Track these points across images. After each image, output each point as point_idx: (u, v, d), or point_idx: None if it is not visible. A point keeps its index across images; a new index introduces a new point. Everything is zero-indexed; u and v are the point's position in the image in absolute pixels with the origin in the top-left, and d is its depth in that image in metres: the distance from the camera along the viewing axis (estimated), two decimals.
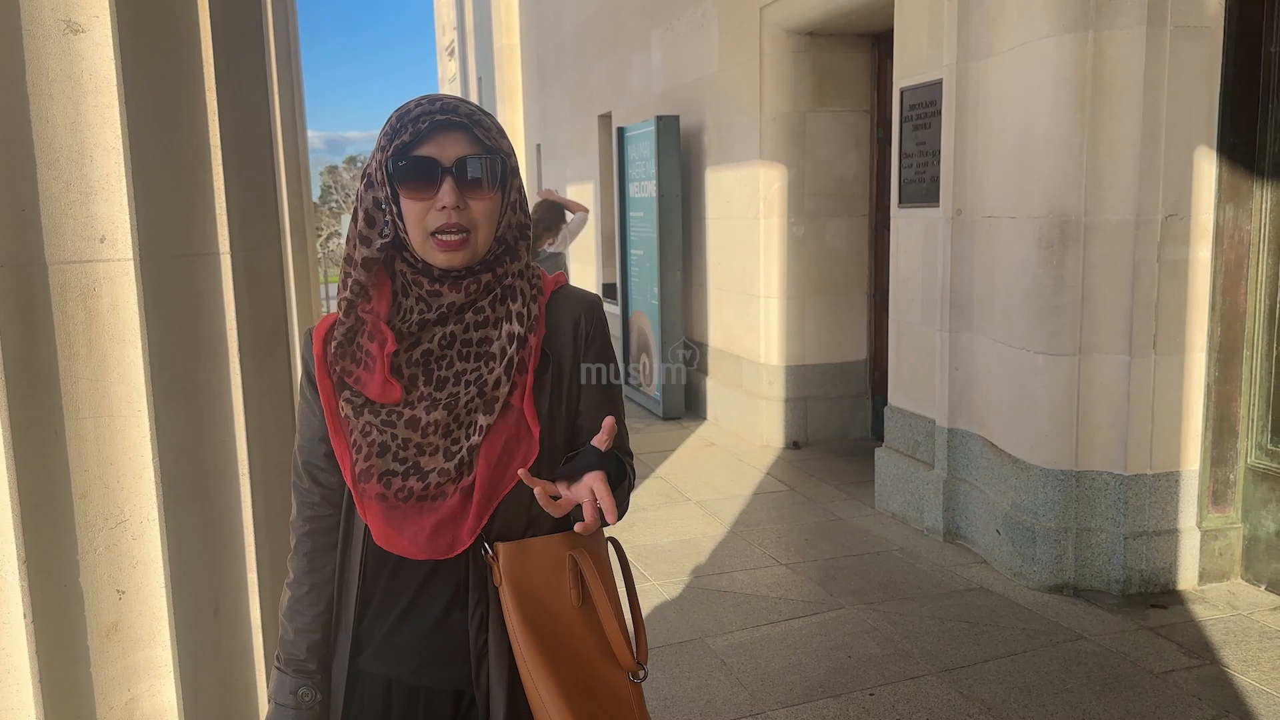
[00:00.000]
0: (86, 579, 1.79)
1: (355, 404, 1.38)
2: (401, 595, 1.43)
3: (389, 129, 1.34)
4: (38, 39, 1.66)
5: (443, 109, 1.32)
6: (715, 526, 5.02)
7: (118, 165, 1.73)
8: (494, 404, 1.37)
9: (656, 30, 8.55)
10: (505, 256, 1.41)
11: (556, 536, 1.42)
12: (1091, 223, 3.92)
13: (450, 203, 1.31)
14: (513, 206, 1.40)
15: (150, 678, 1.87)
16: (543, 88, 13.82)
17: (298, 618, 1.49)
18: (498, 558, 1.38)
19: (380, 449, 1.38)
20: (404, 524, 1.37)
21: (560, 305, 1.47)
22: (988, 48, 4.30)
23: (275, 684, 1.51)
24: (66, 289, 1.72)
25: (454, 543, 1.37)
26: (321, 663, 1.50)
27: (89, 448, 1.76)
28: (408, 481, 1.37)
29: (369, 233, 1.36)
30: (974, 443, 4.56)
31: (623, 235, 8.85)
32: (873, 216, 6.70)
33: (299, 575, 1.50)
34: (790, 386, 6.80)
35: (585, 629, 1.41)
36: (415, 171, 1.32)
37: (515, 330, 1.39)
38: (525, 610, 1.36)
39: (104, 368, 1.76)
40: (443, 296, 1.37)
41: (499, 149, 1.35)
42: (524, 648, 1.35)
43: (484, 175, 1.33)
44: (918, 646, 3.56)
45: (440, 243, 1.33)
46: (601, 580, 1.42)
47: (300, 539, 1.50)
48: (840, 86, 6.57)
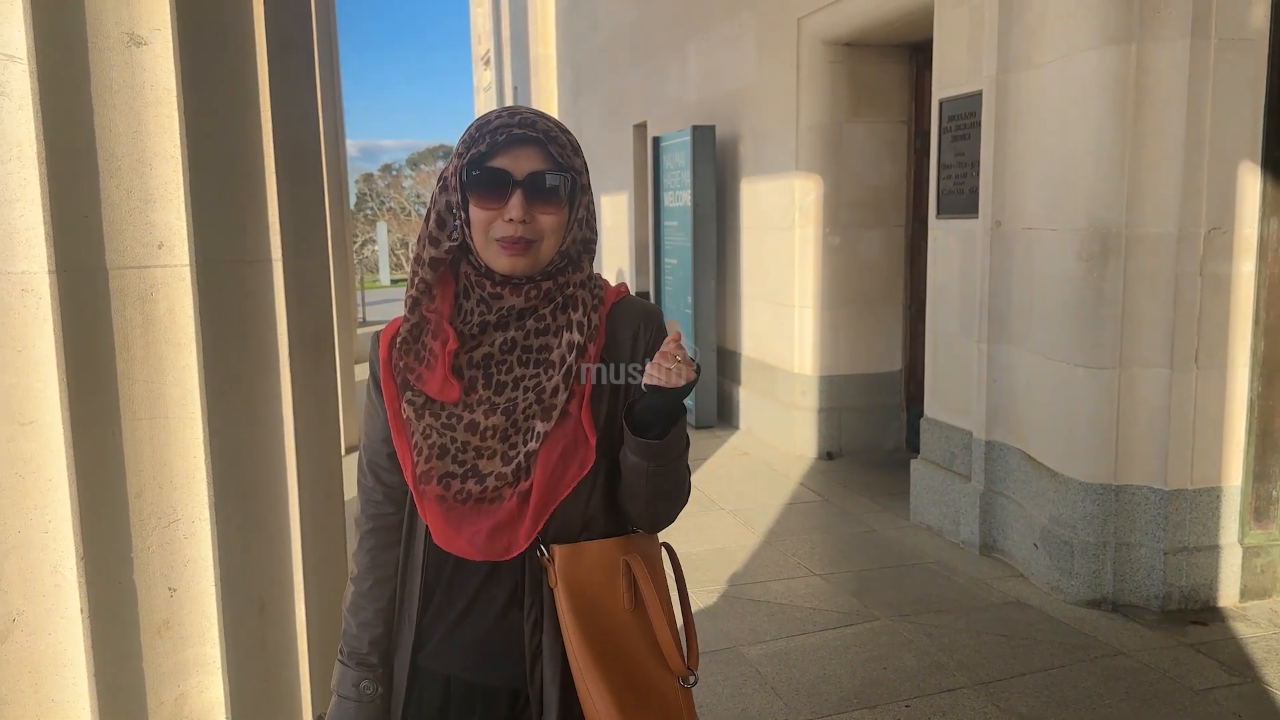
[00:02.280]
0: (140, 576, 1.83)
1: (416, 404, 1.41)
2: (461, 595, 1.46)
3: (468, 137, 1.37)
4: (102, 51, 1.70)
5: (521, 123, 1.35)
6: (749, 536, 5.02)
7: (176, 173, 1.77)
8: (552, 411, 1.39)
9: (693, 40, 8.58)
10: (568, 268, 1.43)
11: (611, 540, 1.44)
12: (1133, 236, 3.89)
13: (517, 215, 1.34)
14: (579, 223, 1.43)
15: (199, 674, 1.90)
16: (577, 97, 13.90)
17: (361, 612, 1.53)
18: (553, 560, 1.40)
19: (440, 451, 1.41)
20: (462, 525, 1.40)
21: (621, 315, 1.48)
22: (1029, 59, 4.28)
23: (338, 677, 1.55)
24: (125, 293, 1.76)
25: (510, 545, 1.40)
26: (383, 657, 1.53)
27: (144, 448, 1.80)
28: (466, 484, 1.40)
29: (439, 234, 1.40)
30: (1012, 455, 4.54)
31: (656, 244, 8.88)
32: (909, 227, 6.68)
33: (362, 571, 1.54)
34: (824, 397, 6.78)
35: (637, 632, 1.43)
36: (487, 182, 1.35)
37: (575, 339, 1.40)
38: (579, 612, 1.39)
39: (160, 370, 1.81)
40: (503, 300, 1.39)
41: (571, 166, 1.38)
42: (577, 649, 1.38)
43: (553, 191, 1.36)
44: (954, 659, 3.55)
45: (504, 246, 1.36)
46: (654, 584, 1.44)
47: (364, 535, 1.54)
48: (877, 97, 6.56)
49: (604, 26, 11.94)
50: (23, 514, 1.68)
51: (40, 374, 1.66)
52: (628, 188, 11.22)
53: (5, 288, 1.63)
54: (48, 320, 1.65)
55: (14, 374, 1.65)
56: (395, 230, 42.30)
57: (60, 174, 1.65)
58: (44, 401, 1.67)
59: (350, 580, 1.56)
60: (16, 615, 1.71)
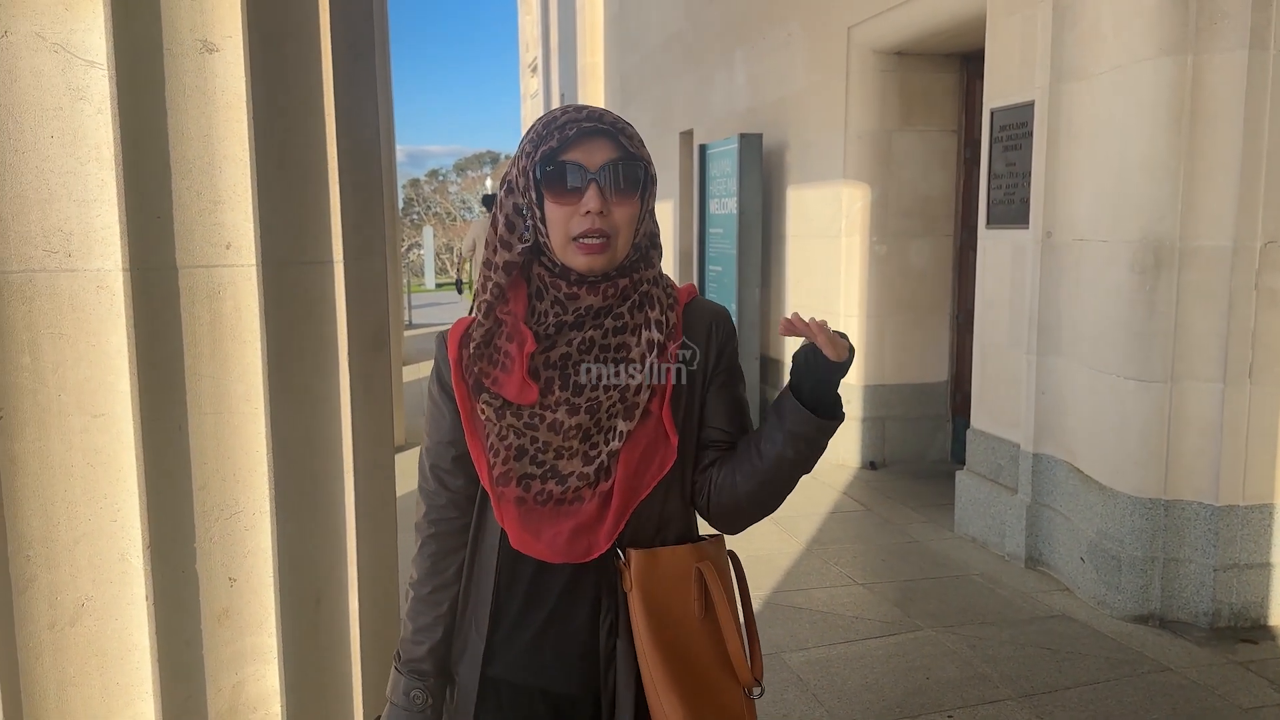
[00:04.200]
0: (202, 566, 1.88)
1: (495, 405, 1.40)
2: (543, 603, 1.44)
3: (534, 135, 1.36)
4: (176, 57, 1.76)
5: (589, 116, 1.34)
6: (791, 543, 5.02)
7: (244, 176, 1.82)
8: (634, 410, 1.38)
9: (741, 48, 8.59)
10: (640, 263, 1.42)
11: (684, 547, 1.43)
12: (1187, 249, 3.85)
13: (595, 207, 1.32)
14: (649, 215, 1.42)
15: (256, 663, 1.95)
16: (625, 105, 13.96)
17: (419, 618, 1.52)
18: (629, 564, 1.40)
19: (518, 452, 1.39)
20: (541, 528, 1.39)
21: (693, 315, 1.48)
22: (1082, 70, 4.26)
23: (391, 683, 1.55)
24: (194, 291, 1.82)
25: (591, 546, 1.38)
26: (438, 665, 1.52)
27: (209, 442, 1.85)
28: (546, 485, 1.39)
29: (509, 237, 1.39)
30: (1059, 468, 4.50)
31: (701, 252, 8.89)
32: (957, 237, 6.65)
33: (422, 576, 1.53)
34: (868, 406, 6.76)
35: (707, 640, 1.42)
36: (562, 176, 1.34)
37: (655, 337, 1.40)
38: (652, 617, 1.38)
39: (225, 367, 1.86)
40: (580, 299, 1.38)
41: (641, 157, 1.37)
42: (649, 655, 1.37)
43: (628, 181, 1.35)
44: (997, 671, 3.53)
45: (582, 246, 1.34)
46: (724, 594, 1.43)
47: (425, 541, 1.53)
48: (927, 106, 6.54)
49: (652, 35, 12.00)
50: (93, 503, 1.74)
51: (112, 368, 1.72)
52: (673, 195, 11.25)
53: (82, 284, 1.69)
54: (120, 316, 1.70)
55: (88, 367, 1.71)
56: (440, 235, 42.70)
57: (135, 175, 1.70)
58: (115, 395, 1.72)
59: (409, 585, 1.55)
60: (85, 600, 1.76)
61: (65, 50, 1.63)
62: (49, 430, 1.69)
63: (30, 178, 1.63)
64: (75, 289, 1.68)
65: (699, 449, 1.48)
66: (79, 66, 1.64)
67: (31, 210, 1.64)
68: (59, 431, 1.70)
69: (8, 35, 1.60)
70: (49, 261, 1.66)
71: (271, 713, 1.96)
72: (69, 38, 1.63)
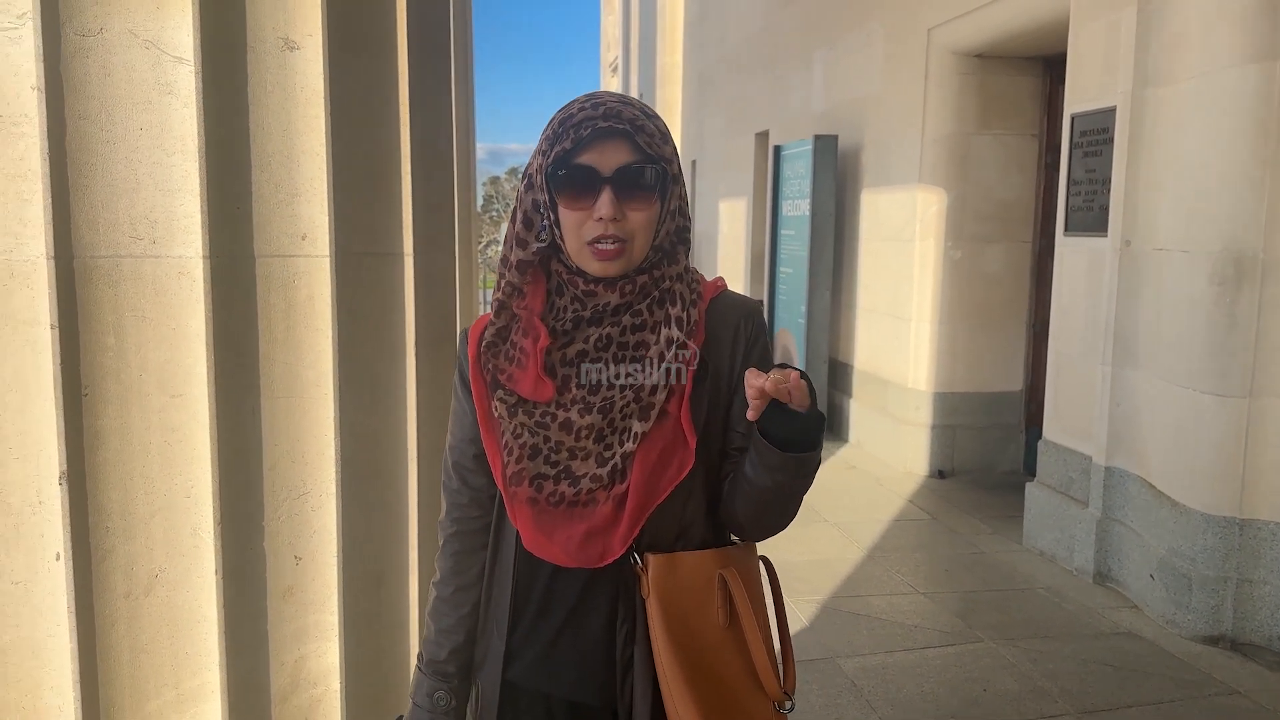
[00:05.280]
0: (269, 544, 1.94)
1: (509, 403, 1.36)
2: (559, 607, 1.40)
3: (550, 133, 1.31)
4: (260, 55, 1.83)
5: (606, 114, 1.28)
6: (852, 549, 4.99)
7: (320, 170, 1.89)
8: (650, 410, 1.32)
9: (819, 49, 8.54)
10: (663, 260, 1.37)
11: (708, 553, 1.37)
12: (1270, 261, 3.74)
13: (608, 214, 1.27)
14: (672, 214, 1.36)
15: (318, 639, 2.02)
16: (701, 105, 13.96)
17: (442, 619, 1.50)
18: (647, 569, 1.34)
19: (532, 451, 1.35)
20: (554, 530, 1.34)
21: (720, 311, 1.41)
22: (1166, 76, 4.15)
23: (414, 683, 1.54)
24: (270, 280, 1.88)
25: (605, 551, 1.33)
26: (461, 667, 1.50)
27: (280, 425, 1.92)
28: (559, 486, 1.34)
29: (526, 235, 1.35)
30: (1131, 482, 4.39)
31: (773, 254, 8.87)
32: (1036, 243, 6.52)
33: (445, 576, 1.50)
34: (938, 413, 6.67)
35: (731, 651, 1.35)
36: (574, 181, 1.29)
37: (674, 335, 1.33)
38: (671, 626, 1.32)
39: (298, 353, 1.92)
40: (598, 297, 1.34)
41: (660, 156, 1.31)
42: (666, 664, 1.31)
43: (643, 185, 1.29)
44: (1057, 686, 3.47)
45: (596, 251, 1.30)
46: (751, 602, 1.36)
47: (448, 539, 1.51)
48: (1007, 109, 6.43)
49: (731, 35, 11.98)
50: (169, 479, 1.82)
51: (190, 351, 1.79)
52: (746, 195, 11.23)
53: (164, 270, 1.76)
54: (200, 302, 1.77)
55: (168, 349, 1.78)
56: None
57: (217, 168, 1.77)
58: (193, 376, 1.80)
59: (433, 584, 1.53)
60: (159, 572, 1.84)
61: (155, 47, 1.71)
62: (130, 408, 1.77)
63: (120, 167, 1.71)
64: (158, 274, 1.76)
65: (723, 456, 1.41)
66: (168, 62, 1.71)
67: (120, 198, 1.72)
68: (139, 410, 1.78)
69: (103, 33, 1.68)
70: (135, 247, 1.74)
71: (331, 689, 2.03)
72: (159, 35, 1.71)
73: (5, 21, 1.62)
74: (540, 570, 1.40)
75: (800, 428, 1.25)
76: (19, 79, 1.62)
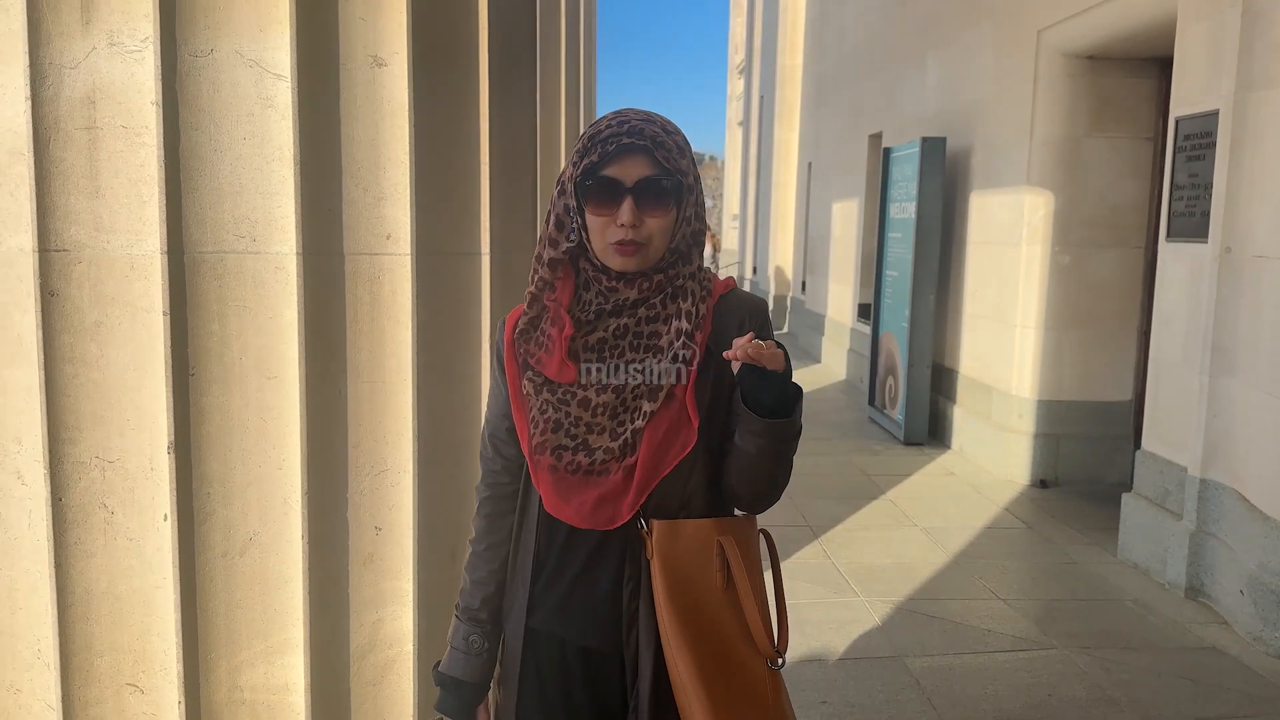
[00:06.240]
0: (352, 515, 2.14)
1: (536, 383, 1.56)
2: (573, 562, 1.57)
3: (581, 147, 1.50)
4: (351, 72, 2.03)
5: (629, 131, 1.47)
6: (937, 554, 4.99)
7: (404, 176, 2.07)
8: (658, 392, 1.51)
9: (933, 51, 8.47)
10: (678, 261, 1.55)
11: (708, 521, 1.54)
12: None
13: (628, 221, 1.47)
14: (688, 220, 1.54)
15: (394, 604, 2.20)
16: (818, 106, 13.92)
17: (476, 571, 1.69)
18: (651, 533, 1.51)
19: (554, 425, 1.53)
20: (571, 495, 1.52)
21: (728, 307, 1.59)
22: (1271, 78, 4.04)
23: (452, 629, 1.72)
24: (357, 275, 2.08)
25: (614, 516, 1.51)
26: (493, 614, 1.68)
27: (364, 406, 2.12)
28: (576, 456, 1.52)
29: (557, 236, 1.54)
30: (1226, 495, 4.29)
31: (880, 256, 8.82)
32: (1149, 249, 6.34)
33: (479, 534, 1.70)
34: (1042, 422, 6.54)
35: (728, 611, 1.51)
36: (600, 191, 1.48)
37: (683, 326, 1.52)
38: (672, 585, 1.49)
39: (380, 342, 2.12)
40: (619, 292, 1.52)
41: (677, 169, 1.49)
42: (667, 619, 1.48)
43: (661, 195, 1.48)
44: (1127, 695, 3.44)
45: (618, 249, 1.49)
46: (746, 568, 1.52)
47: (483, 502, 1.70)
48: (1119, 112, 6.27)
49: (847, 38, 11.94)
50: (263, 452, 2.03)
51: (285, 337, 2.00)
52: (858, 197, 11.18)
53: (263, 265, 1.97)
54: (293, 294, 1.98)
55: (265, 336, 1.99)
56: None
57: (311, 173, 1.97)
58: (286, 360, 2.00)
59: (469, 542, 1.72)
60: (253, 535, 2.06)
61: (258, 65, 1.92)
62: (230, 388, 1.99)
63: (225, 173, 1.93)
64: (257, 269, 1.97)
65: (724, 436, 1.57)
66: (268, 79, 1.92)
67: (225, 200, 1.93)
68: (239, 390, 1.99)
69: (213, 53, 1.90)
70: (237, 244, 1.95)
71: (404, 651, 2.22)
72: (261, 54, 1.92)
73: (131, 44, 1.85)
74: (559, 531, 1.58)
75: (778, 397, 1.44)
76: (141, 95, 1.86)
